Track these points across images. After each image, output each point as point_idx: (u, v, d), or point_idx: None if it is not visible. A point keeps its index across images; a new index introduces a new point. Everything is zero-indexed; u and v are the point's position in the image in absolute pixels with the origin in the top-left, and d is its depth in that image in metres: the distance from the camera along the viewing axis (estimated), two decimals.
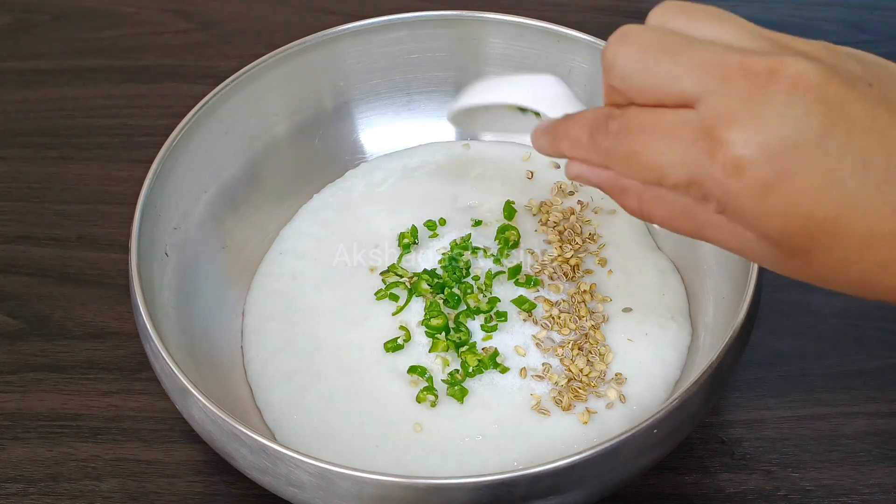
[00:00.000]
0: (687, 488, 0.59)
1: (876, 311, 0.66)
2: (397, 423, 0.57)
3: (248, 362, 0.61)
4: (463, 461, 0.55)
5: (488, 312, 0.61)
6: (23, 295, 0.69)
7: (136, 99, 0.83)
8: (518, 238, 0.64)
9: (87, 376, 0.65)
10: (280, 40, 0.67)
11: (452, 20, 0.69)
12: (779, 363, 0.64)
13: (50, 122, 0.81)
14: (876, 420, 0.61)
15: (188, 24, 0.90)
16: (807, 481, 0.59)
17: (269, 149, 0.68)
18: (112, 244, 0.72)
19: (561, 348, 0.59)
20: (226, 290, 0.64)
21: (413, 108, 0.71)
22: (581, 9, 0.88)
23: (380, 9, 0.71)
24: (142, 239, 0.57)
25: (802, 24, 0.87)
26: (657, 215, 0.43)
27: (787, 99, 0.36)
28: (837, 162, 0.36)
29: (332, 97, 0.70)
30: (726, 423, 0.61)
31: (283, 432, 0.57)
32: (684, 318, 0.61)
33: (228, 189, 0.66)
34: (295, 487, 0.49)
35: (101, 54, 0.87)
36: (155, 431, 0.62)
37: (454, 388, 0.57)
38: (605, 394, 0.57)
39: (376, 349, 0.60)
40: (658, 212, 0.43)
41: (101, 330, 0.67)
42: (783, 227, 0.38)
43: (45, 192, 0.76)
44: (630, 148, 0.40)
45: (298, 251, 0.66)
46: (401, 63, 0.70)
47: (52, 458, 0.61)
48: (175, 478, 0.60)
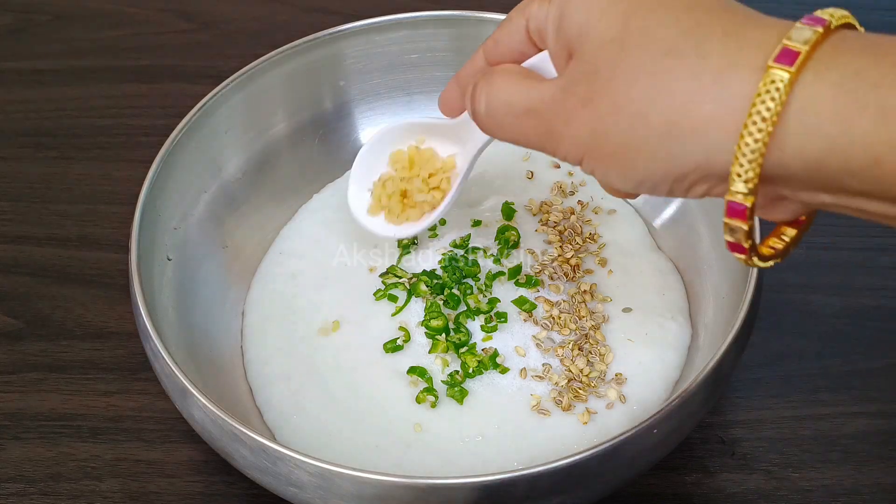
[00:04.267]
0: (687, 488, 0.59)
1: (876, 311, 0.66)
2: (397, 423, 0.57)
3: (248, 362, 0.61)
4: (463, 461, 0.55)
5: (488, 313, 0.60)
6: (23, 295, 0.69)
7: (136, 99, 0.83)
8: (518, 238, 0.64)
9: (87, 376, 0.65)
10: (280, 40, 0.67)
11: (452, 20, 0.69)
12: (779, 363, 0.64)
13: (50, 122, 0.81)
14: (876, 420, 0.61)
15: (188, 24, 0.90)
16: (807, 481, 0.59)
17: (269, 149, 0.68)
18: (112, 244, 0.72)
19: (561, 348, 0.59)
20: (226, 290, 0.64)
21: (413, 108, 0.71)
22: None
23: (380, 9, 0.71)
24: (142, 239, 0.57)
25: None
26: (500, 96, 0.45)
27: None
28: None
29: (332, 97, 0.70)
30: (726, 423, 0.61)
31: (283, 432, 0.58)
32: (684, 318, 0.61)
33: (228, 189, 0.66)
34: (295, 487, 0.49)
35: (101, 54, 0.87)
36: (155, 431, 0.62)
37: (454, 389, 0.57)
38: (605, 394, 0.57)
39: (376, 349, 0.60)
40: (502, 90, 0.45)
41: (101, 330, 0.67)
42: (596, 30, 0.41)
43: (45, 192, 0.76)
44: None
45: (298, 251, 0.66)
46: (401, 63, 0.70)
47: (52, 458, 0.61)
48: (175, 478, 0.60)
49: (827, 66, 0.36)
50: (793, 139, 0.36)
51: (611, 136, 0.40)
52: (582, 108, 0.41)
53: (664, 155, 0.39)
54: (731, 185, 0.38)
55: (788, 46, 0.36)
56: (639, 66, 0.39)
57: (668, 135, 0.38)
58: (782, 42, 0.36)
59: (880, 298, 0.67)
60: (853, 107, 0.35)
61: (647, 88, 0.38)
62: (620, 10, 0.40)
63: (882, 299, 0.67)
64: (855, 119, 0.35)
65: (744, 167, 0.37)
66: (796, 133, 0.36)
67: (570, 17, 0.42)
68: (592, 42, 0.41)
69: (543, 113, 0.43)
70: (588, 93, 0.40)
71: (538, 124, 0.43)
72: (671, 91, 0.38)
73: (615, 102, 0.39)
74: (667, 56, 0.38)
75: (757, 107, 0.36)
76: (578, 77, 0.41)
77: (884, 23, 0.87)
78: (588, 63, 0.41)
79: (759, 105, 0.36)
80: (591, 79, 0.40)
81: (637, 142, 0.39)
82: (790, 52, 0.36)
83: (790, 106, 0.36)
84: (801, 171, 0.37)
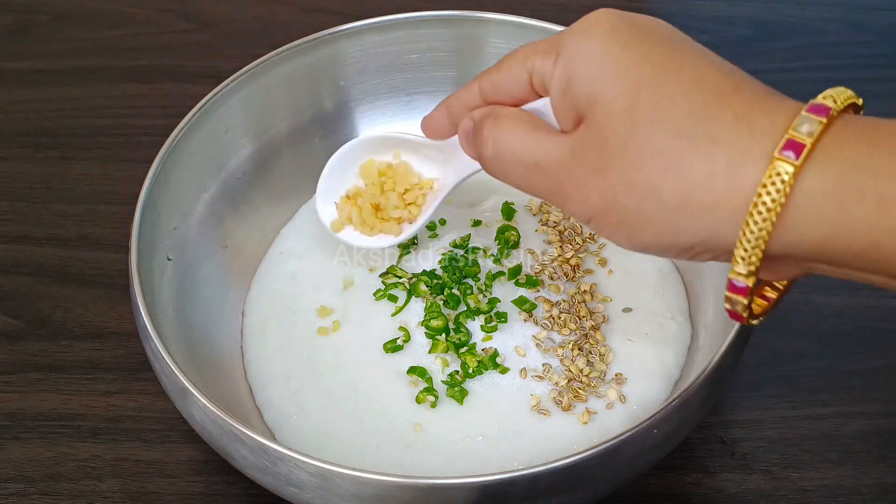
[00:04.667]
0: (687, 488, 0.59)
1: (876, 311, 0.66)
2: (397, 423, 0.57)
3: (248, 362, 0.61)
4: (463, 461, 0.55)
5: (488, 313, 0.60)
6: (23, 295, 0.69)
7: (136, 99, 0.83)
8: (518, 238, 0.64)
9: (87, 376, 0.65)
10: (280, 40, 0.67)
11: (452, 20, 0.69)
12: (779, 363, 0.64)
13: (50, 122, 0.81)
14: (876, 420, 0.61)
15: (188, 24, 0.90)
16: (807, 481, 0.59)
17: (270, 149, 0.68)
18: (112, 244, 0.72)
19: (561, 348, 0.59)
20: (226, 290, 0.64)
21: (413, 108, 0.71)
22: (581, 9, 0.87)
23: (380, 9, 0.71)
24: (142, 239, 0.57)
25: (802, 24, 0.87)
26: (503, 143, 0.46)
27: (589, 21, 0.44)
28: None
29: (332, 97, 0.70)
30: (726, 423, 0.61)
31: (283, 432, 0.58)
32: (684, 318, 0.61)
33: (228, 189, 0.66)
34: (295, 487, 0.49)
35: (101, 54, 0.87)
36: (155, 431, 0.62)
37: (454, 389, 0.57)
38: (605, 394, 0.57)
39: (376, 349, 0.60)
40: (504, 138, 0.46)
41: (101, 330, 0.67)
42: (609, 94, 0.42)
43: (45, 192, 0.76)
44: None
45: (298, 251, 0.66)
46: (401, 63, 0.70)
47: (52, 458, 0.61)
48: (175, 478, 0.60)
49: (830, 158, 0.37)
50: (795, 225, 0.38)
51: (621, 206, 0.41)
52: (592, 174, 0.42)
53: (673, 228, 0.41)
54: (734, 266, 0.39)
55: (794, 138, 0.38)
56: (650, 144, 0.40)
57: (678, 211, 0.40)
58: (788, 133, 0.38)
59: (880, 298, 0.67)
60: (854, 196, 0.37)
61: (660, 167, 0.40)
62: (629, 81, 0.41)
63: (882, 299, 0.66)
64: (855, 207, 0.37)
65: (747, 252, 0.39)
66: (799, 220, 0.38)
67: (578, 85, 0.43)
68: (602, 111, 0.41)
69: (552, 172, 0.44)
70: (599, 162, 0.41)
71: (546, 180, 0.44)
72: (683, 172, 0.39)
73: (627, 176, 0.41)
74: (678, 138, 0.39)
75: (762, 196, 0.38)
76: (589, 144, 0.42)
77: (884, 23, 0.87)
78: (598, 133, 0.42)
79: (765, 196, 0.38)
80: (602, 149, 0.41)
81: (648, 214, 0.41)
82: (795, 144, 0.38)
83: (794, 197, 0.38)
84: (803, 251, 0.39)
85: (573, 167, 0.43)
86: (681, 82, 0.40)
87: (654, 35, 0.42)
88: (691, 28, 0.87)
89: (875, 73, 0.83)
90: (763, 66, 0.82)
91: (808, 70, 0.83)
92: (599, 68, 0.42)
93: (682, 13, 0.89)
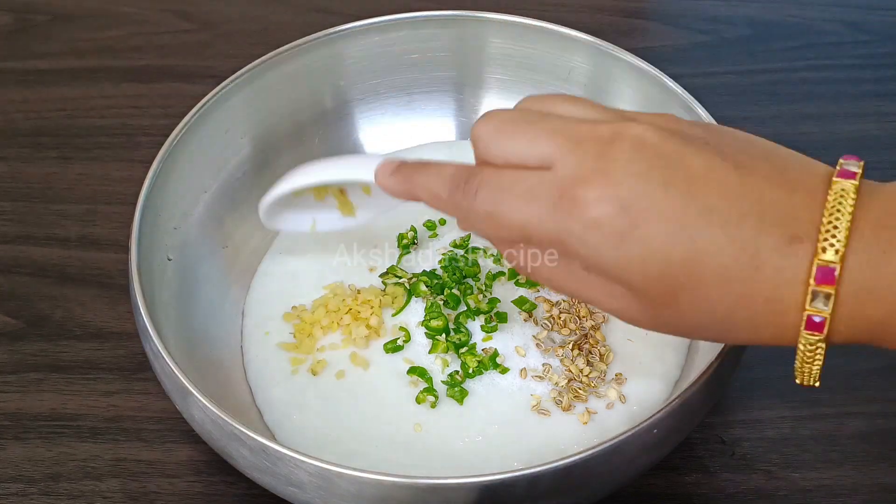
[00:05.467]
0: (687, 488, 0.59)
1: None
2: (397, 423, 0.57)
3: (248, 362, 0.61)
4: (463, 461, 0.55)
5: (488, 313, 0.60)
6: (23, 295, 0.69)
7: (136, 99, 0.83)
8: None
9: (87, 376, 0.65)
10: (280, 40, 0.67)
11: (452, 20, 0.69)
12: (779, 363, 0.64)
13: (50, 122, 0.81)
14: (876, 420, 0.61)
15: (188, 24, 0.90)
16: (807, 481, 0.59)
17: (270, 149, 0.68)
18: (112, 244, 0.72)
19: (561, 349, 0.59)
20: (226, 290, 0.64)
21: (413, 108, 0.71)
22: (581, 9, 0.88)
23: (380, 9, 0.71)
24: (142, 239, 0.57)
25: (802, 24, 0.87)
26: (542, 275, 0.45)
27: (629, 156, 0.41)
28: (682, 208, 0.40)
29: (332, 97, 0.70)
30: (726, 423, 0.61)
31: (283, 432, 0.57)
32: None
33: (229, 189, 0.66)
34: (295, 487, 0.49)
35: (101, 54, 0.87)
36: (155, 431, 0.62)
37: (454, 389, 0.57)
38: (605, 394, 0.57)
39: (376, 349, 0.60)
40: (543, 272, 0.45)
41: (101, 330, 0.67)
42: (644, 272, 0.41)
43: (45, 192, 0.76)
44: (491, 208, 0.43)
45: (298, 251, 0.66)
46: (401, 63, 0.70)
47: (52, 458, 0.61)
48: (175, 478, 0.60)
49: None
50: (844, 330, 0.41)
51: (677, 330, 0.44)
52: (641, 316, 0.44)
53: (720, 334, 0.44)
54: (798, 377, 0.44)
55: (818, 291, 0.40)
56: (699, 297, 0.42)
57: (725, 321, 0.42)
58: (811, 286, 0.40)
59: None
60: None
61: (706, 313, 0.42)
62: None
63: None
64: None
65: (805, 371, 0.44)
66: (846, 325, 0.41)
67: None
68: (647, 275, 0.42)
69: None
70: (651, 312, 0.43)
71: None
72: (731, 302, 0.41)
73: (678, 321, 0.43)
74: (727, 283, 0.41)
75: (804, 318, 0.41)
76: (637, 297, 0.43)
77: (884, 23, 0.87)
78: (643, 292, 0.42)
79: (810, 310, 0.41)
80: (655, 303, 0.42)
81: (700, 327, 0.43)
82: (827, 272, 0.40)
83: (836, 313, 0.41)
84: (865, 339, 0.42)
85: (633, 307, 0.44)
86: (725, 223, 0.41)
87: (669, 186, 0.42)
88: (691, 28, 0.88)
89: (875, 73, 0.83)
90: (763, 66, 0.82)
91: (808, 70, 0.83)
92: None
93: (682, 13, 0.89)
